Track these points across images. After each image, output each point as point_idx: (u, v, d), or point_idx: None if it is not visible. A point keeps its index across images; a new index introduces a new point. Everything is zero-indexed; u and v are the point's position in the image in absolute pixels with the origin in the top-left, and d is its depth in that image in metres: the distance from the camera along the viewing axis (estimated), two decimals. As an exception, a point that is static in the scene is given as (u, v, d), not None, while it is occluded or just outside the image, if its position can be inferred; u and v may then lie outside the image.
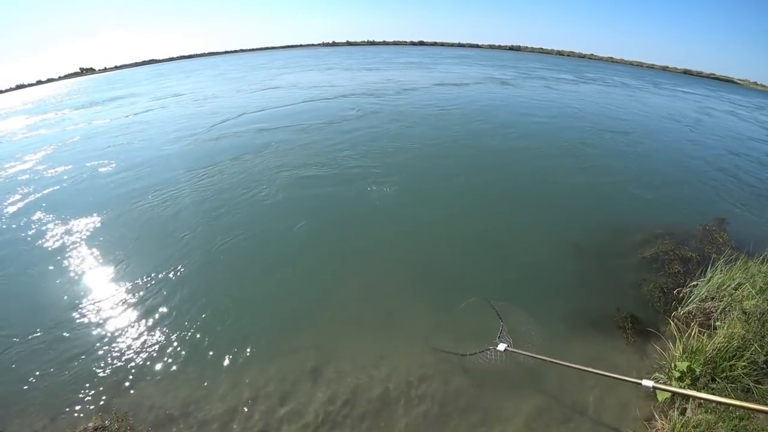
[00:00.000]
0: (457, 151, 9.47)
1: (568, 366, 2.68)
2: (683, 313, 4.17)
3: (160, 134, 12.50)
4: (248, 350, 3.82)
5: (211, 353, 3.80)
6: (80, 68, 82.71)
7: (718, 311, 3.95)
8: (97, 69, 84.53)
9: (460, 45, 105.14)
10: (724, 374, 3.07)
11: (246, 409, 3.26)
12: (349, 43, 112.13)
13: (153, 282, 4.83)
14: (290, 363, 3.69)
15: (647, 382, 2.06)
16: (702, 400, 2.82)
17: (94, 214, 6.65)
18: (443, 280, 4.84)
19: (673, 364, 3.31)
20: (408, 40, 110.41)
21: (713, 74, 72.58)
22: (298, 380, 3.52)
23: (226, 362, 3.70)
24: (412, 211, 6.50)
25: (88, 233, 6.08)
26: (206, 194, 7.21)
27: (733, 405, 1.81)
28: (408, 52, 63.32)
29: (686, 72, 74.40)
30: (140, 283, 4.81)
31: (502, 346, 3.11)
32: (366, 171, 8.07)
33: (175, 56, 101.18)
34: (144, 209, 6.77)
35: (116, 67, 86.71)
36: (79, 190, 8.05)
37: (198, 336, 3.99)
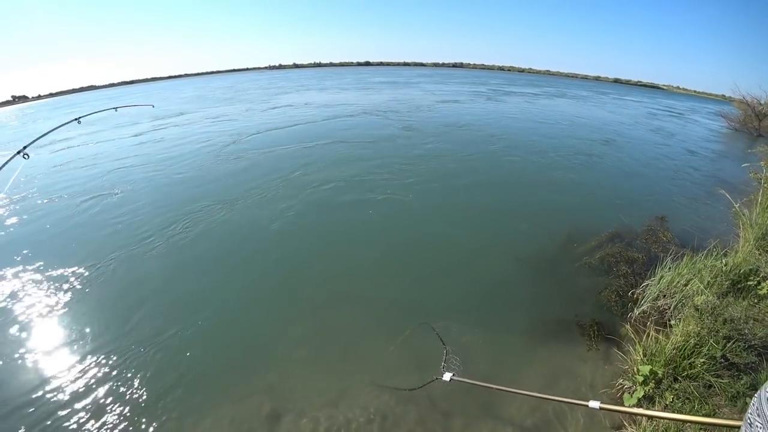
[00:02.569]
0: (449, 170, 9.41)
1: (514, 392, 2.59)
2: (639, 314, 4.24)
3: (184, 155, 11.71)
4: (197, 399, 3.44)
5: (156, 407, 3.37)
6: (12, 96, 77.07)
7: (671, 308, 4.04)
8: (30, 97, 79.18)
9: (405, 64, 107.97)
10: (685, 373, 3.08)
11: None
12: (296, 66, 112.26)
13: (91, 331, 4.30)
14: (244, 409, 3.36)
15: (593, 403, 2.01)
16: (648, 417, 2.82)
17: (78, 261, 5.68)
18: (395, 309, 4.63)
19: (635, 368, 3.30)
20: (354, 60, 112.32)
21: (640, 82, 78.98)
22: (254, 429, 3.20)
23: (174, 415, 3.30)
24: (364, 238, 6.30)
25: (60, 286, 5.18)
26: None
27: (681, 420, 1.77)
28: (367, 72, 64.61)
29: (617, 81, 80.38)
30: (80, 333, 4.27)
31: (447, 376, 3.00)
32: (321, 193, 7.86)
33: (115, 82, 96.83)
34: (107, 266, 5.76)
35: (51, 95, 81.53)
36: (70, 229, 6.99)
37: (131, 392, 3.53)
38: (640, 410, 2.02)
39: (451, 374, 3.02)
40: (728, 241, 5.52)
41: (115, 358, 3.92)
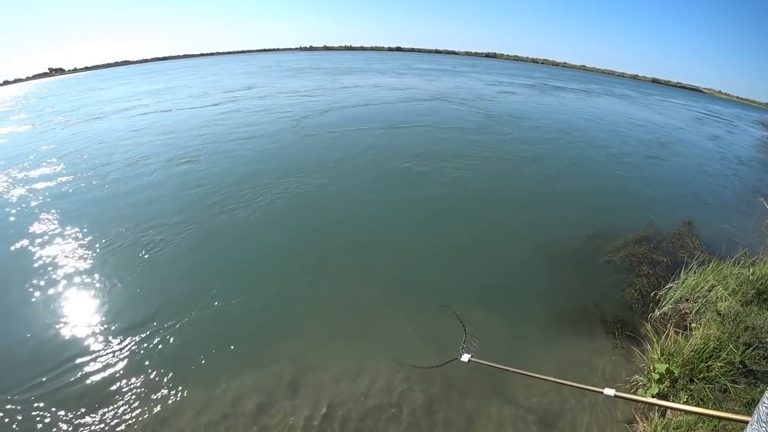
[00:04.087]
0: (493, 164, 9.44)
1: (531, 376, 2.69)
2: (659, 315, 4.25)
3: (270, 127, 12.22)
4: (223, 363, 3.66)
5: (183, 367, 3.62)
6: (49, 69, 79.27)
7: (693, 312, 4.04)
8: (66, 69, 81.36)
9: (437, 51, 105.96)
10: (702, 375, 3.11)
11: (222, 425, 3.11)
12: (326, 48, 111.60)
13: (122, 292, 4.62)
14: (268, 375, 3.55)
15: (609, 391, 2.08)
16: (660, 407, 2.88)
17: (154, 225, 6.08)
18: (419, 289, 4.77)
19: (652, 366, 3.35)
20: (385, 45, 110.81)
21: (680, 83, 75.50)
22: (276, 393, 3.38)
23: (200, 377, 3.53)
24: (394, 217, 6.47)
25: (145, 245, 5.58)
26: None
27: (692, 412, 1.84)
28: (406, 58, 63.96)
29: (654, 81, 77.10)
30: (110, 294, 4.61)
31: (465, 357, 3.11)
32: (342, 176, 8.00)
33: (148, 58, 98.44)
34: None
35: (87, 68, 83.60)
36: (151, 192, 7.44)
37: (170, 350, 3.80)
38: (654, 400, 2.10)
39: (470, 356, 3.13)
40: (758, 251, 5.42)
41: (138, 322, 4.16)
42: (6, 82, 66.20)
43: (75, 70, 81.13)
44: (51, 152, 10.62)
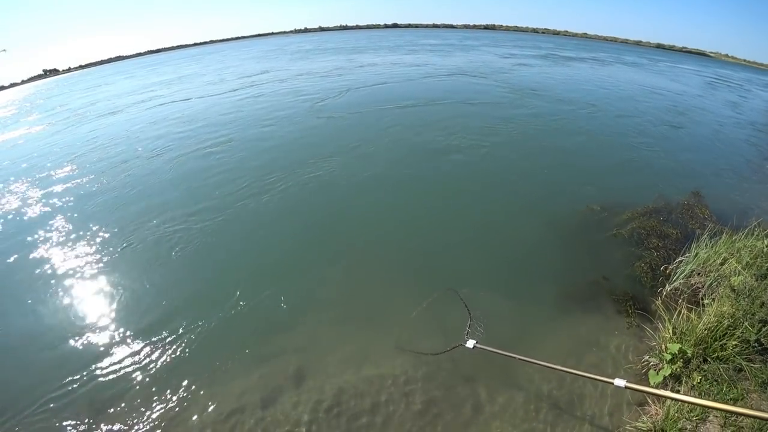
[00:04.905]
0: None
1: (539, 364, 2.60)
2: (670, 290, 4.13)
3: (296, 112, 11.99)
4: (228, 358, 3.63)
5: (189, 364, 3.60)
6: (43, 70, 78.30)
7: (705, 287, 3.91)
8: (60, 70, 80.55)
9: (435, 26, 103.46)
10: (716, 354, 3.01)
11: (229, 420, 3.09)
12: (321, 29, 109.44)
13: (131, 291, 4.62)
14: (273, 368, 3.52)
15: (619, 382, 1.98)
16: (673, 400, 2.76)
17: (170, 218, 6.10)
18: (424, 272, 4.70)
19: (664, 346, 3.25)
20: (381, 23, 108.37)
21: (685, 48, 73.08)
22: (281, 386, 3.36)
23: (206, 372, 3.50)
24: (404, 199, 6.39)
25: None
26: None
27: (705, 406, 1.74)
28: (408, 35, 61.89)
29: (659, 46, 74.82)
30: (116, 288, 4.63)
31: (470, 343, 3.03)
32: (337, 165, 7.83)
33: (142, 51, 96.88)
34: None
35: (80, 67, 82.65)
36: (172, 184, 7.42)
37: (174, 347, 3.77)
38: (668, 393, 1.99)
39: (475, 342, 3.06)
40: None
41: (142, 319, 4.16)
42: (2, 87, 65.80)
43: (69, 70, 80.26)
44: (71, 150, 10.61)
